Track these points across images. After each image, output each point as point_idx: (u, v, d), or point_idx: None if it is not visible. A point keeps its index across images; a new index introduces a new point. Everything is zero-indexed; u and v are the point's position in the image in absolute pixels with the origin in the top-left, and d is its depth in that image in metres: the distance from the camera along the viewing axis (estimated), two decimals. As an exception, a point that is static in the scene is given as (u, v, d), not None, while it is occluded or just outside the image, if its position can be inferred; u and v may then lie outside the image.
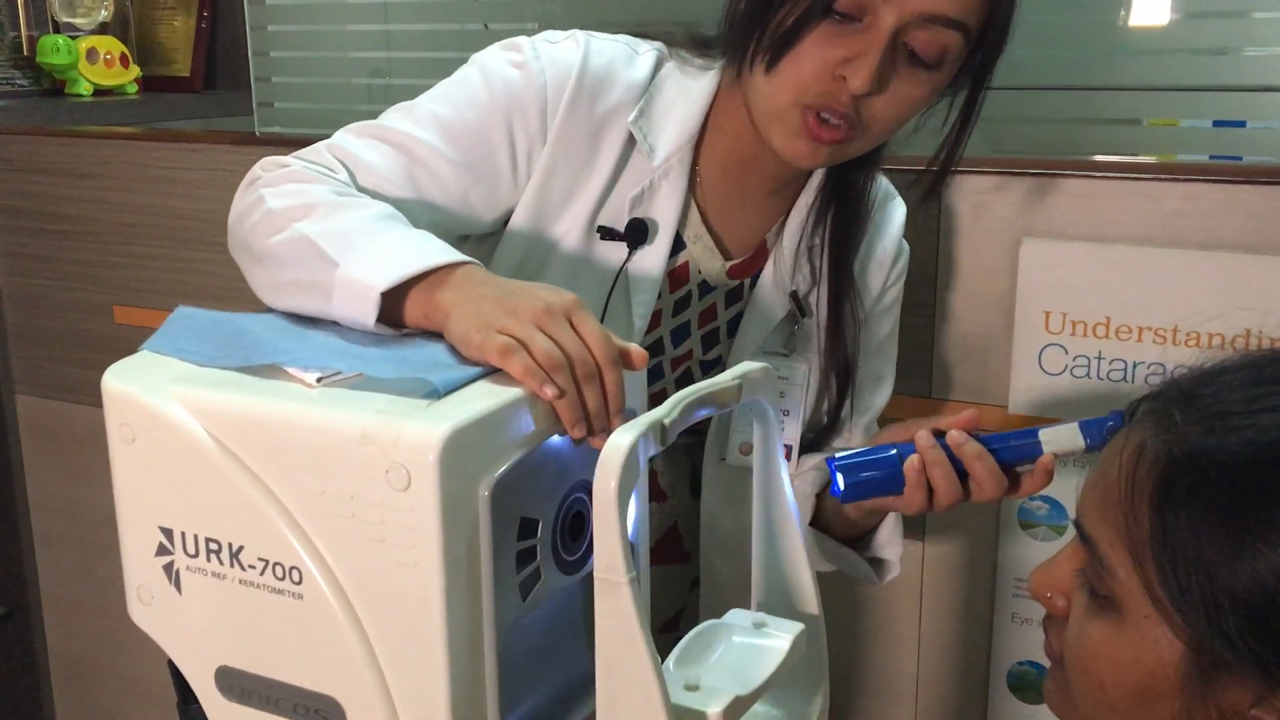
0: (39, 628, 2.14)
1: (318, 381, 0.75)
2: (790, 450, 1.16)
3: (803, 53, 0.96)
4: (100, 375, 0.78)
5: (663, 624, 1.23)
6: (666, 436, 0.69)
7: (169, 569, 0.78)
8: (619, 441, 0.66)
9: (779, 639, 0.77)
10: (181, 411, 0.75)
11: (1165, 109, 1.40)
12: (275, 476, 0.73)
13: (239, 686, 0.78)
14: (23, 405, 2.05)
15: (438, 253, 0.84)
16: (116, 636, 2.05)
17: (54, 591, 2.12)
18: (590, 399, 0.75)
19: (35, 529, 2.10)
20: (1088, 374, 1.32)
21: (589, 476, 0.74)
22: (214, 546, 0.76)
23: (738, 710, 0.70)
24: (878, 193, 1.16)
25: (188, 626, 0.79)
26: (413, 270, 0.82)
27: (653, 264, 1.08)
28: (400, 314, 0.83)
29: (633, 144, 1.07)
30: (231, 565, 0.75)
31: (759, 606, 0.86)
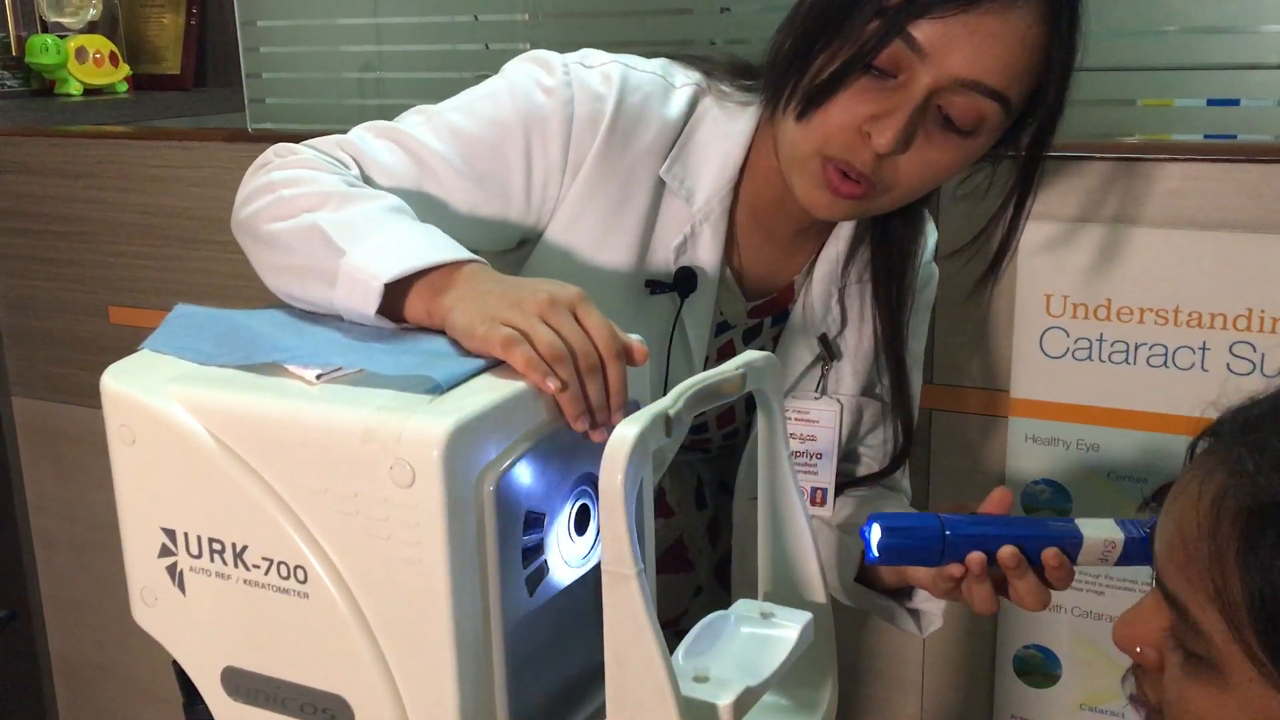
0: (40, 630, 2.13)
1: (318, 378, 0.74)
2: (825, 494, 1.13)
3: (834, 105, 0.94)
4: (96, 376, 0.78)
5: (664, 625, 1.23)
6: (671, 428, 0.69)
7: (172, 570, 0.78)
8: (624, 434, 0.65)
9: (787, 629, 0.77)
10: (182, 411, 0.74)
11: (1160, 89, 1.39)
12: (278, 475, 0.72)
13: (245, 687, 0.77)
14: (19, 408, 2.04)
15: (444, 249, 0.83)
16: (118, 638, 2.05)
17: (54, 594, 2.11)
18: (593, 392, 0.74)
19: (34, 531, 2.10)
20: (1089, 356, 1.31)
21: (594, 469, 0.73)
22: (217, 547, 0.75)
23: (748, 701, 0.70)
24: (925, 256, 1.14)
25: (192, 627, 0.79)
26: (420, 264, 0.80)
27: (702, 309, 1.06)
28: (401, 308, 0.82)
29: (665, 184, 1.04)
30: (235, 565, 0.75)
31: (766, 596, 0.85)
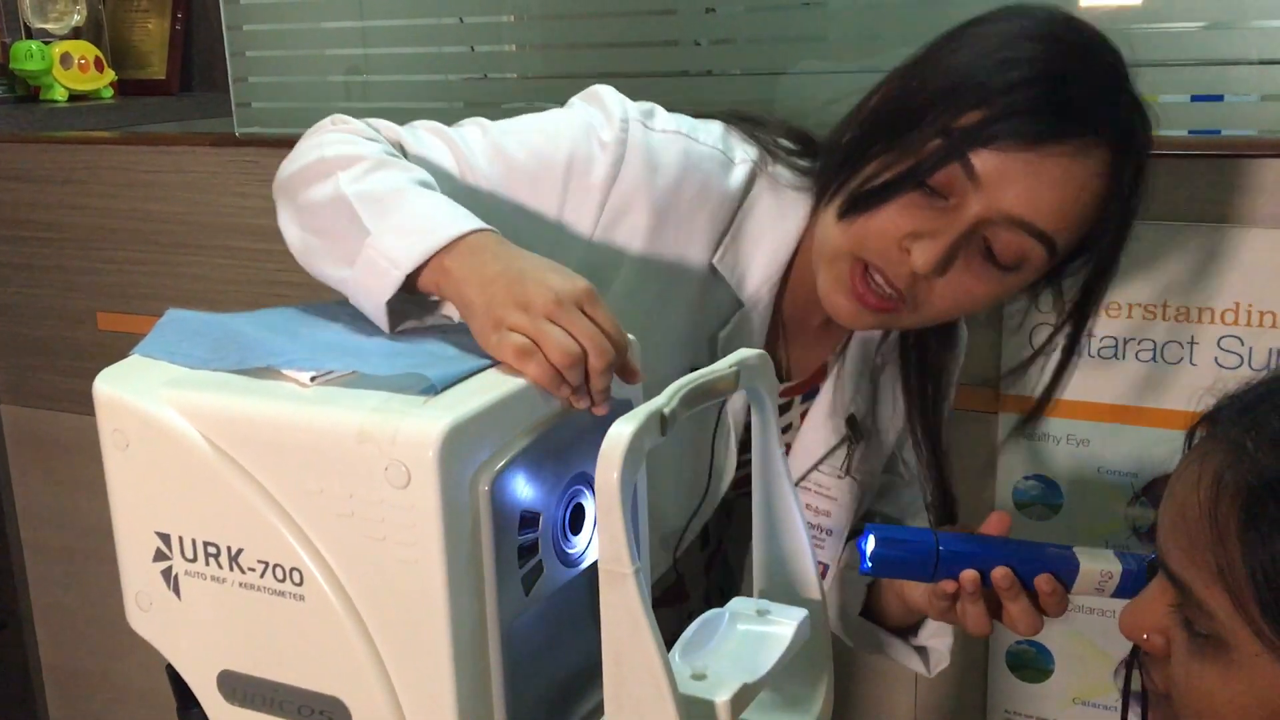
0: (31, 639, 2.13)
1: (312, 381, 0.74)
2: (827, 569, 1.12)
3: (880, 213, 0.92)
4: (85, 382, 0.78)
5: None
6: (666, 426, 0.69)
7: (167, 574, 0.78)
8: (620, 432, 0.66)
9: (783, 626, 0.77)
10: (175, 415, 0.74)
11: (1145, 84, 1.40)
12: (272, 478, 0.72)
13: (242, 690, 0.77)
14: (7, 415, 2.03)
15: (460, 220, 0.81)
16: (110, 645, 2.04)
17: (45, 602, 2.10)
18: (602, 383, 0.75)
19: (25, 540, 2.09)
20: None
21: (588, 468, 0.73)
22: (213, 550, 0.75)
23: (745, 698, 0.70)
24: (958, 373, 1.14)
25: (188, 632, 0.78)
26: (434, 245, 0.80)
27: (742, 396, 1.06)
28: (415, 280, 0.81)
29: (715, 270, 1.02)
30: (231, 568, 0.75)
31: (761, 594, 0.85)
